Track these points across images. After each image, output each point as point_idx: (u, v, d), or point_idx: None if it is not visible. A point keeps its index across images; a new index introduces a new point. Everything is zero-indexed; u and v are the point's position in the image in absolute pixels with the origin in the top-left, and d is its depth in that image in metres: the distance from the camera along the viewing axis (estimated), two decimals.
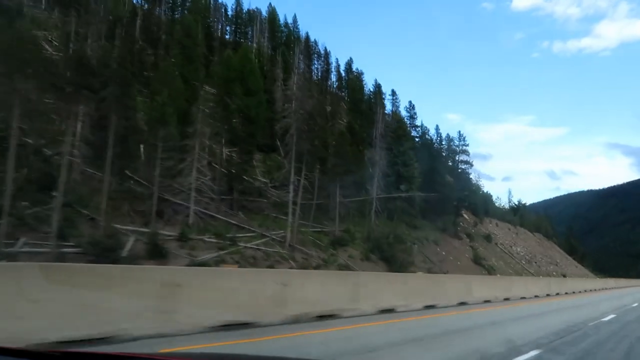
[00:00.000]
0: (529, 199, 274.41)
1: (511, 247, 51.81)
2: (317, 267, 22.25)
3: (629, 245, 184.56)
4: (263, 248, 22.52)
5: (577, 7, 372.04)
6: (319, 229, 26.48)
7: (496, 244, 48.38)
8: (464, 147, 41.59)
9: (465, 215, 51.26)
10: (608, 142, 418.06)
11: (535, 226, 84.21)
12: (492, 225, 54.59)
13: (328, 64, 57.56)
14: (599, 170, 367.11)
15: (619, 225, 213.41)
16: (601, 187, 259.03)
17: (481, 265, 35.64)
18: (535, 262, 53.34)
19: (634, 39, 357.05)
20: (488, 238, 46.80)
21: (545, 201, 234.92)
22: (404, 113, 58.59)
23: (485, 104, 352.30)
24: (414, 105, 55.81)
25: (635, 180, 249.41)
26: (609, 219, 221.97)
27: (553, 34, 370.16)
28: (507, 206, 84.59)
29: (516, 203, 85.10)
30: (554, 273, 54.64)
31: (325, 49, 54.79)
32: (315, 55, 53.29)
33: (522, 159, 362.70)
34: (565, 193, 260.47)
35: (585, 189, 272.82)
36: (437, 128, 39.57)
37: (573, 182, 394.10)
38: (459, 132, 42.17)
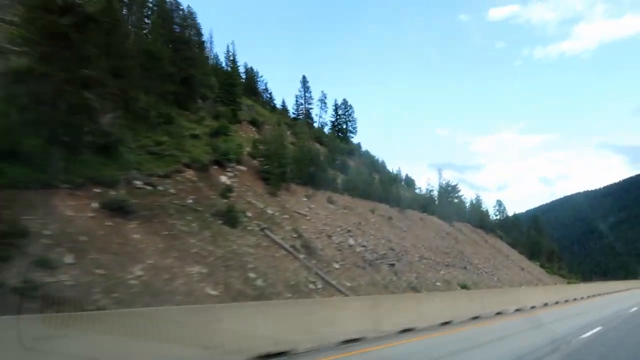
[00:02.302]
0: (525, 206, 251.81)
1: (313, 237, 24.23)
2: None
3: (630, 244, 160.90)
4: None
5: (553, 12, 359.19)
6: None
7: (248, 227, 21.02)
8: None
9: (219, 176, 24.21)
10: (598, 142, 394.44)
11: (478, 221, 56.95)
12: (295, 197, 27.42)
13: None
14: (592, 172, 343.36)
15: (619, 224, 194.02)
16: (596, 188, 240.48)
17: None
18: (389, 264, 25.77)
19: (612, 39, 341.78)
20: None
21: (541, 206, 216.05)
22: None
23: (475, 116, 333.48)
24: None
25: (630, 177, 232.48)
26: (608, 218, 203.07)
27: (533, 40, 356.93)
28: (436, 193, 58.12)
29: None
30: (438, 283, 26.97)
31: None
32: None
33: (516, 168, 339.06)
34: (562, 196, 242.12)
35: (581, 190, 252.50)
36: None
37: (568, 186, 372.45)
38: None
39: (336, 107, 66.97)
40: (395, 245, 28.89)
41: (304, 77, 60.75)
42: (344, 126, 65.61)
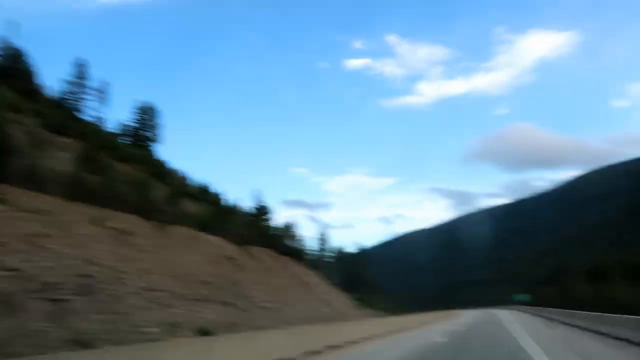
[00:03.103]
0: (368, 243, 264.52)
1: None
2: None
3: (446, 277, 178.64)
4: None
5: (401, 68, 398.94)
6: None
7: None
8: None
9: None
10: (430, 187, 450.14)
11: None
12: None
13: None
14: (424, 213, 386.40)
15: (440, 260, 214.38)
16: (426, 227, 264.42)
17: None
18: (52, 300, 15.80)
19: (447, 96, 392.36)
20: None
21: (380, 244, 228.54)
22: None
23: (328, 158, 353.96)
24: None
25: (452, 220, 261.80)
26: (432, 255, 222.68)
27: (383, 91, 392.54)
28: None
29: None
30: (153, 329, 17.77)
31: None
32: None
33: (361, 207, 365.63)
34: (401, 234, 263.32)
35: (416, 229, 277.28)
36: None
37: (404, 225, 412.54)
38: None
39: (139, 111, 55.51)
40: (100, 271, 18.79)
41: (78, 59, 47.90)
42: (145, 133, 54.39)
